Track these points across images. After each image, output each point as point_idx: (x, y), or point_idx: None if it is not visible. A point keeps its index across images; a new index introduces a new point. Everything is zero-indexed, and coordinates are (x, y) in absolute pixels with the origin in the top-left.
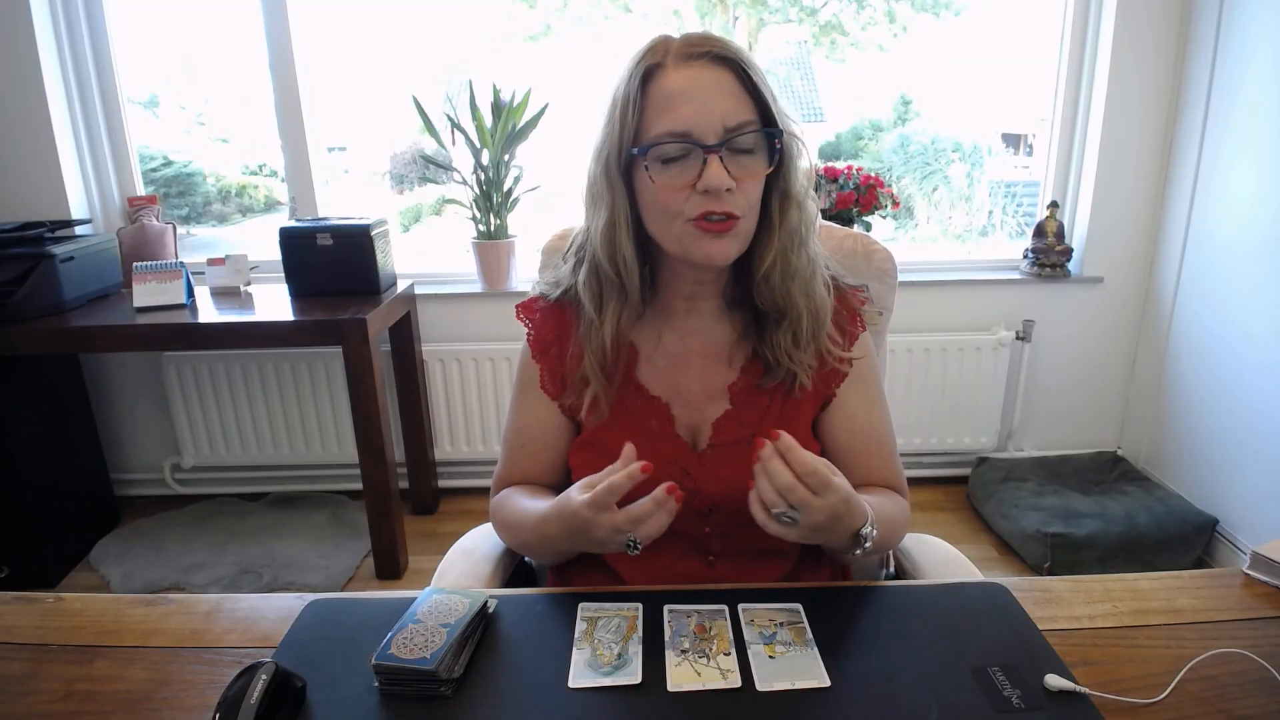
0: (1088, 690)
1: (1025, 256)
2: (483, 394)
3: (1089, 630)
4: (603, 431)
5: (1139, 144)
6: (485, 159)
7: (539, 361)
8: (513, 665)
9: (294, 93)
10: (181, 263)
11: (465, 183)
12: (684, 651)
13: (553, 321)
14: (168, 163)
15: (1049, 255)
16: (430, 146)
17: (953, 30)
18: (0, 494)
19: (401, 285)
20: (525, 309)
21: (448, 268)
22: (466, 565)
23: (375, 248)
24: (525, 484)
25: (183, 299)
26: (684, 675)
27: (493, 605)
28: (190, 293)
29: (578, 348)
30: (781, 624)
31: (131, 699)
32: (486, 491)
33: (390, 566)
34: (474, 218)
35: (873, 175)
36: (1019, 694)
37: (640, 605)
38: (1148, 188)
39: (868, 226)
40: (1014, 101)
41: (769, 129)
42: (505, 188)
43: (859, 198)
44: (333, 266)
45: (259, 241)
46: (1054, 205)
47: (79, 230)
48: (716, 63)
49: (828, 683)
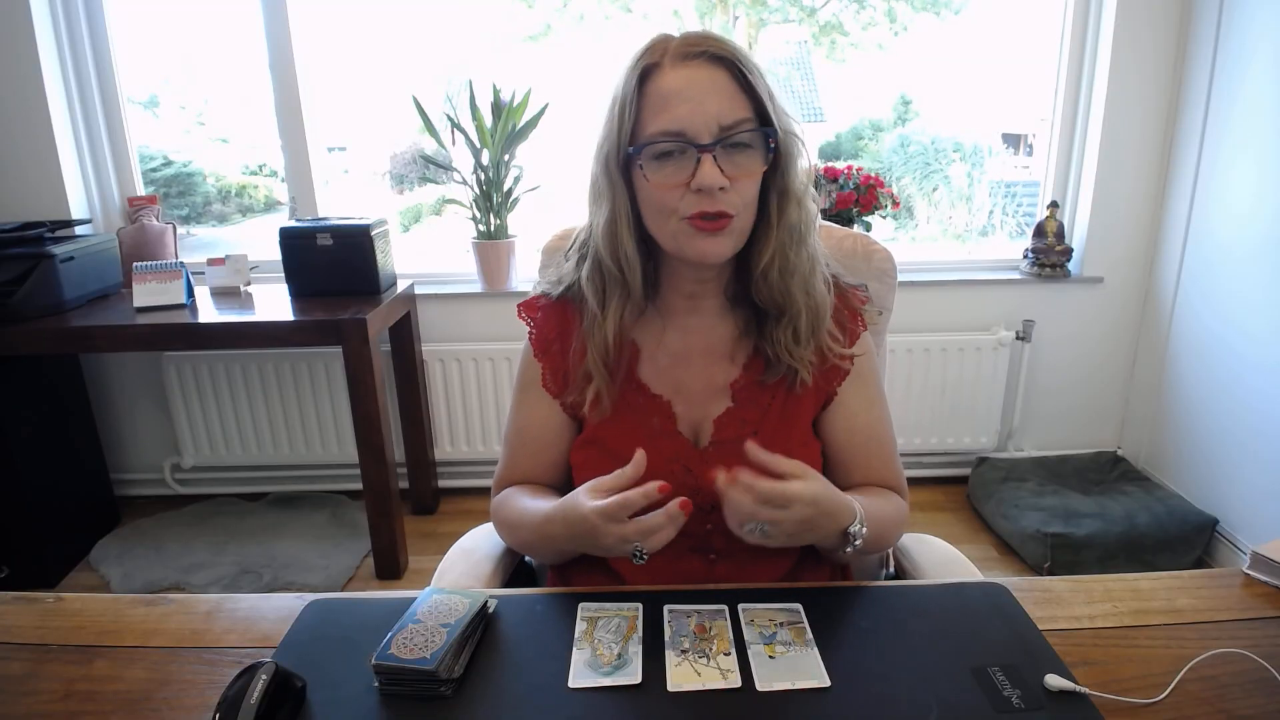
0: (1088, 690)
1: (1025, 256)
2: (483, 394)
3: (1089, 630)
4: (605, 430)
5: (1139, 144)
6: (485, 159)
7: (540, 360)
8: (513, 665)
9: (294, 93)
10: (181, 263)
11: (465, 183)
12: (684, 651)
13: (554, 320)
14: (168, 163)
15: (1049, 255)
16: (430, 146)
17: (953, 29)
18: (0, 494)
19: (401, 285)
20: (527, 308)
21: (448, 268)
22: (467, 565)
23: (375, 248)
24: (526, 483)
25: (183, 299)
26: (684, 675)
27: (493, 605)
28: (190, 293)
29: (580, 344)
30: (781, 624)
31: (131, 699)
32: (486, 491)
33: (390, 566)
34: (474, 218)
35: (873, 175)
36: (1019, 694)
37: (640, 605)
38: (1148, 188)
39: (868, 226)
40: (1014, 101)
41: (764, 128)
42: (505, 188)
43: (859, 198)
44: (333, 266)
45: (259, 241)
46: (1054, 205)
47: (79, 230)
48: (712, 62)
49: (828, 683)
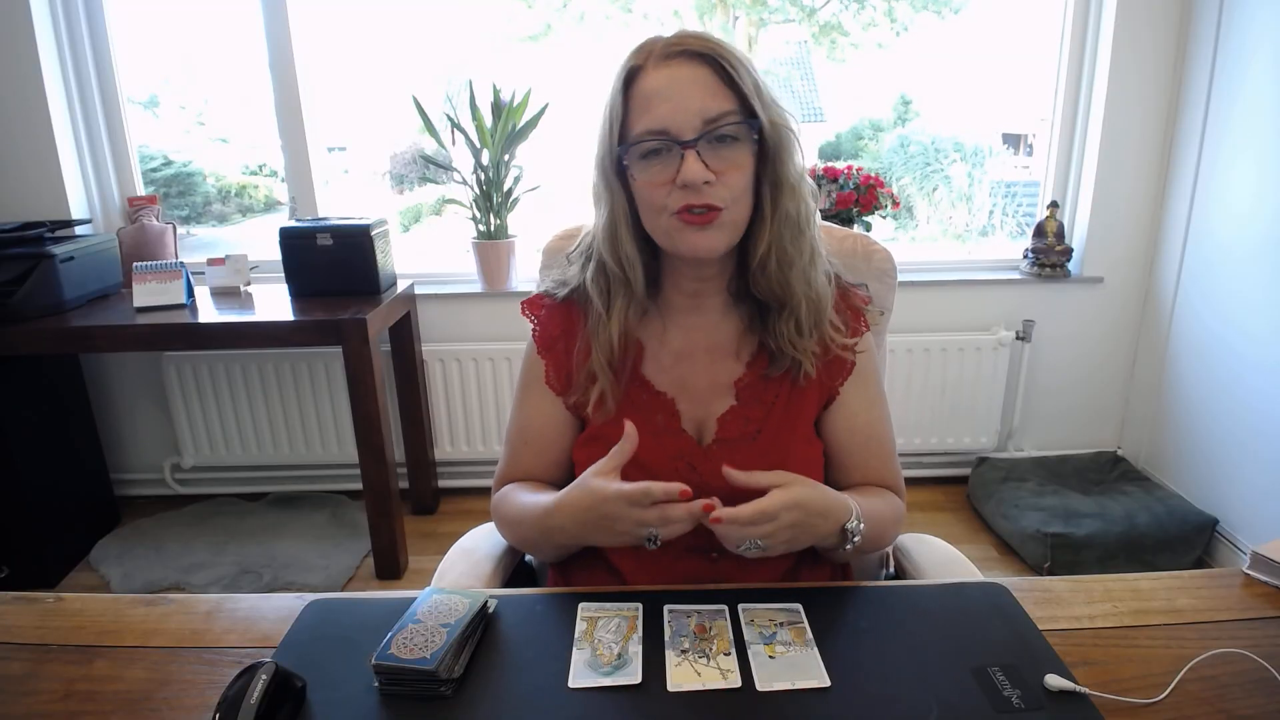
0: (1088, 690)
1: (1025, 256)
2: (483, 394)
3: (1089, 630)
4: (609, 427)
5: (1139, 144)
6: (485, 159)
7: (544, 357)
8: (513, 665)
9: (294, 93)
10: (181, 263)
11: (465, 183)
12: (684, 651)
13: (558, 318)
14: (168, 163)
15: (1049, 255)
16: (430, 146)
17: (953, 29)
18: (0, 494)
19: (401, 285)
20: (531, 305)
21: (448, 268)
22: (467, 565)
23: (375, 248)
24: (528, 480)
25: (183, 299)
26: (684, 675)
27: (493, 605)
28: (190, 293)
29: (585, 344)
30: (781, 624)
31: (131, 699)
32: (487, 491)
33: (390, 566)
34: (474, 218)
35: (873, 175)
36: (1019, 694)
37: (640, 605)
38: (1148, 188)
39: (868, 226)
40: (1014, 101)
41: (748, 119)
42: (505, 188)
43: (859, 198)
44: (333, 266)
45: (259, 241)
46: (1054, 205)
47: (79, 230)
48: (693, 59)
49: (828, 683)
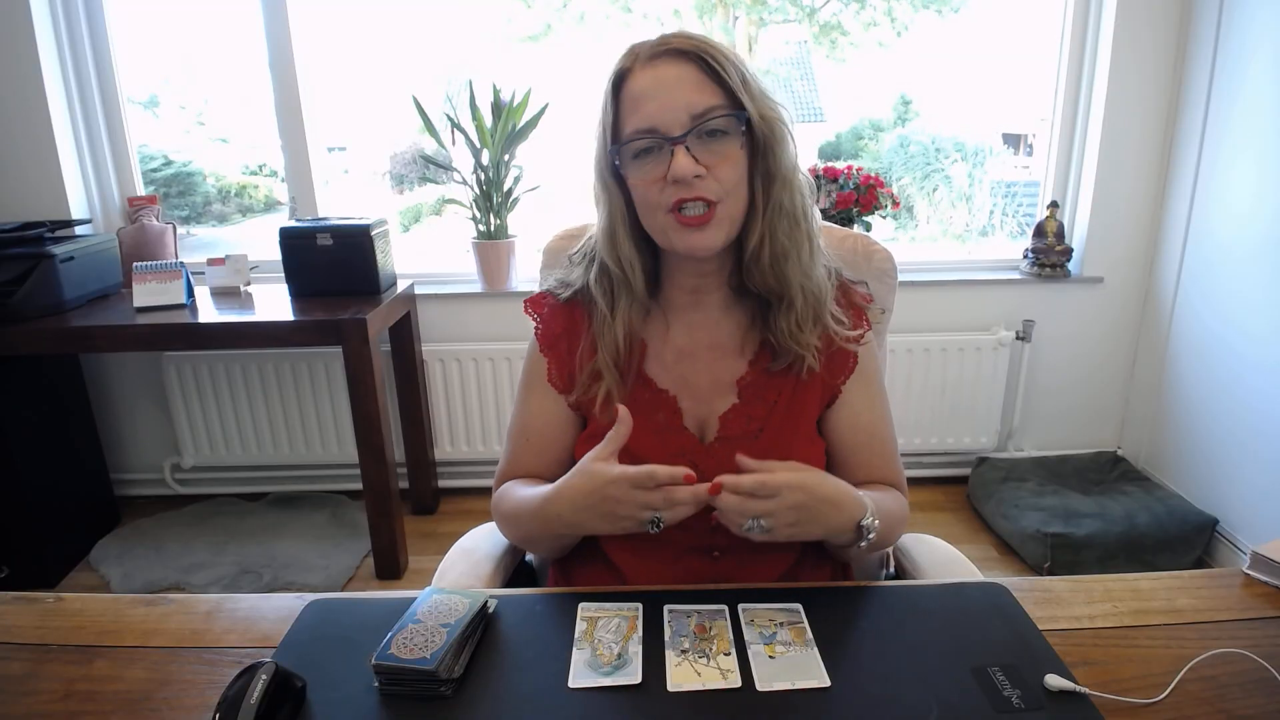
0: (1088, 690)
1: (1025, 256)
2: (483, 394)
3: (1089, 630)
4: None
5: (1139, 144)
6: (485, 159)
7: (546, 355)
8: (513, 665)
9: (294, 93)
10: (181, 263)
11: (465, 183)
12: (684, 651)
13: (560, 317)
14: (168, 163)
15: (1049, 255)
16: (430, 146)
17: (953, 28)
18: (0, 494)
19: (401, 285)
20: (534, 304)
21: (448, 268)
22: (467, 565)
23: (375, 248)
24: (529, 478)
25: (183, 299)
26: (684, 675)
27: (493, 605)
28: (190, 293)
29: (588, 343)
30: (781, 624)
31: (131, 699)
32: (487, 491)
33: (390, 566)
34: (474, 218)
35: (873, 175)
36: (1019, 694)
37: (640, 605)
38: (1148, 188)
39: (868, 226)
40: (1014, 101)
41: (735, 112)
42: (505, 188)
43: (859, 198)
44: (333, 266)
45: (259, 241)
46: (1054, 205)
47: (79, 230)
48: (679, 57)
49: (828, 683)
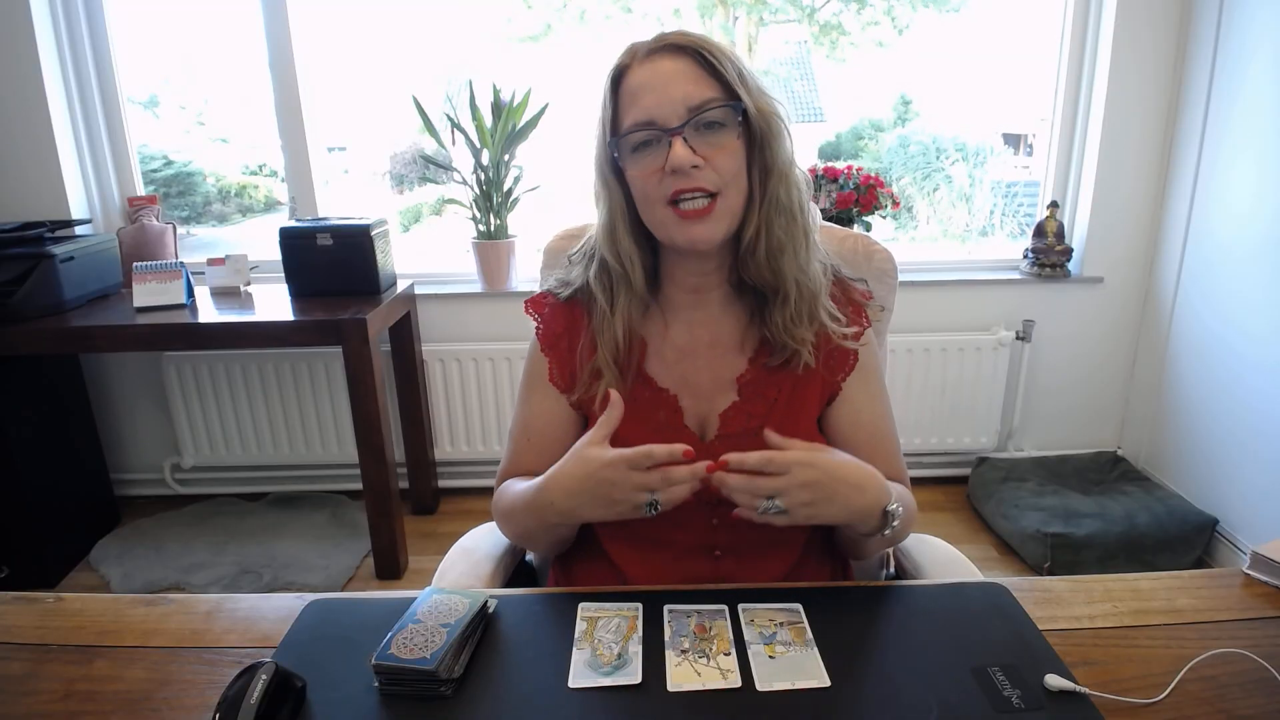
0: (1088, 690)
1: (1025, 256)
2: (483, 394)
3: (1089, 630)
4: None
5: (1139, 144)
6: (485, 159)
7: (547, 355)
8: (513, 665)
9: (294, 93)
10: (181, 263)
11: (465, 183)
12: (684, 651)
13: (561, 317)
14: (168, 163)
15: (1049, 255)
16: (430, 146)
17: (953, 27)
18: (0, 494)
19: (401, 285)
20: (534, 304)
21: (448, 268)
22: (467, 565)
23: (375, 248)
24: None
25: (183, 299)
26: (684, 675)
27: (493, 605)
28: (190, 293)
29: (589, 342)
30: (781, 624)
31: (131, 699)
32: (487, 491)
33: (390, 566)
34: (474, 218)
35: (873, 175)
36: (1019, 694)
37: (640, 605)
38: (1148, 188)
39: (868, 226)
40: (1014, 101)
41: (732, 104)
42: (505, 188)
43: (859, 198)
44: (333, 266)
45: (259, 241)
46: (1054, 205)
47: (79, 230)
48: (676, 52)
49: (828, 683)
